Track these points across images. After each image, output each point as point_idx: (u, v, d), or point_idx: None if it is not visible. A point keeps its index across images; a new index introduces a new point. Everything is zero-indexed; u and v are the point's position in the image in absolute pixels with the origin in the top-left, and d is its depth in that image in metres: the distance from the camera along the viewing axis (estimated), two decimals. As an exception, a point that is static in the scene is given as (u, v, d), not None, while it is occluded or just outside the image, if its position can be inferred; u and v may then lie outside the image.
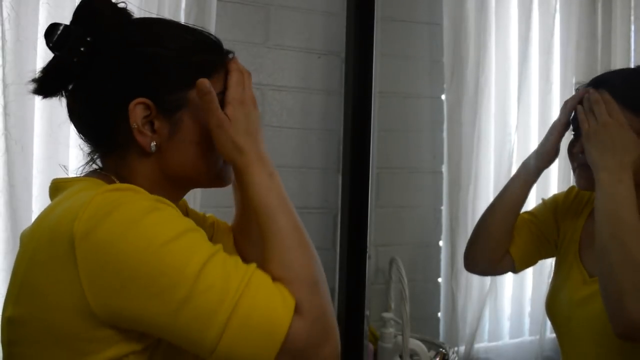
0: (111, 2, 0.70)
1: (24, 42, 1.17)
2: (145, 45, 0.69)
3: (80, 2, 0.69)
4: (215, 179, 0.74)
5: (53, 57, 0.69)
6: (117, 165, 0.70)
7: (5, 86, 1.15)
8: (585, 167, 0.97)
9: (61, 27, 0.67)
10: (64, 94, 0.71)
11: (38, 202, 1.22)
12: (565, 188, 1.21)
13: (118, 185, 0.64)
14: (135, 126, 0.66)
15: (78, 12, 0.69)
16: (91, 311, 0.57)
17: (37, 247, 0.62)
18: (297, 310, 0.60)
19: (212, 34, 0.75)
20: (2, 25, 1.14)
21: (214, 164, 0.73)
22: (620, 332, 0.85)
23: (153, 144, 0.68)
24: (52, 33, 0.67)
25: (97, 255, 0.57)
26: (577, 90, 1.05)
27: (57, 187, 0.71)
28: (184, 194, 0.78)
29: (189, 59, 0.70)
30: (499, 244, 1.12)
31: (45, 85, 0.69)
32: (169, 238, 0.58)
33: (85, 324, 0.58)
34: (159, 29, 0.72)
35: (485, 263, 1.15)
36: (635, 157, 0.90)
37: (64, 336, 0.59)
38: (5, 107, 1.15)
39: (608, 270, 0.86)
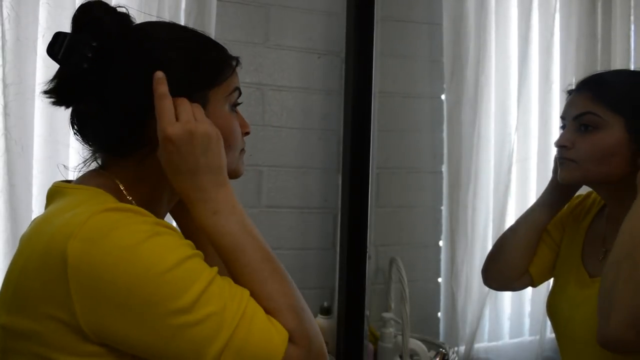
0: (109, 6, 0.70)
1: (24, 42, 1.17)
2: (162, 46, 0.69)
3: (78, 10, 0.69)
4: (232, 174, 0.74)
5: (62, 67, 0.68)
6: (137, 164, 0.69)
7: (5, 86, 1.15)
8: (569, 161, 0.99)
9: (66, 37, 0.67)
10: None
11: (38, 202, 1.22)
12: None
13: (118, 204, 0.63)
14: None
15: (77, 20, 0.69)
16: (80, 328, 0.57)
17: (31, 256, 0.61)
18: (290, 339, 0.61)
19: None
20: (2, 25, 1.14)
21: (234, 160, 0.74)
22: (600, 341, 0.88)
23: None
24: (56, 43, 0.67)
25: (91, 278, 0.56)
26: (568, 92, 1.06)
27: (57, 192, 0.70)
28: None
29: (207, 59, 0.71)
30: (520, 263, 1.12)
31: (64, 95, 0.69)
32: (167, 267, 0.58)
33: (74, 339, 0.58)
34: (170, 30, 0.73)
35: (504, 281, 1.17)
36: None
37: (54, 349, 0.59)
38: (5, 107, 1.15)
39: (611, 283, 0.88)
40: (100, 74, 0.67)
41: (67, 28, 0.69)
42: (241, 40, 1.50)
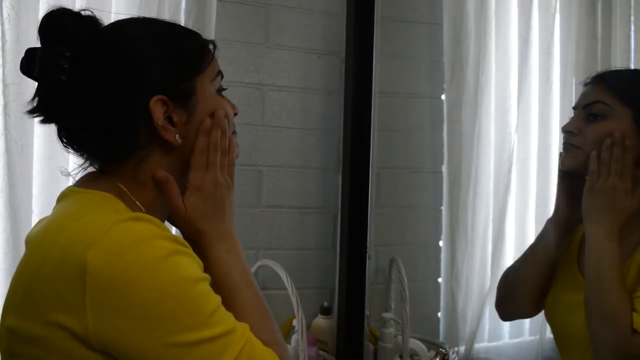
0: (72, 12, 0.68)
1: (24, 42, 1.17)
2: (137, 44, 0.68)
3: (41, 22, 0.67)
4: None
5: (40, 84, 0.67)
6: (134, 169, 0.69)
7: (5, 86, 1.15)
8: (573, 147, 0.99)
9: (37, 52, 0.66)
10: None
11: (38, 202, 1.22)
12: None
13: (137, 214, 0.63)
14: (160, 123, 0.67)
15: (44, 32, 0.67)
16: (87, 337, 0.57)
17: (45, 259, 0.61)
18: None
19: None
20: (2, 25, 1.14)
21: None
22: None
23: (177, 136, 0.69)
24: (29, 60, 0.66)
25: (110, 289, 0.56)
26: (584, 85, 1.05)
27: (66, 195, 0.70)
28: None
29: (187, 48, 0.71)
30: (537, 295, 1.11)
31: (51, 111, 0.68)
32: (185, 287, 0.59)
33: (76, 346, 0.58)
34: (142, 27, 0.72)
35: (523, 314, 1.19)
36: (626, 216, 0.94)
37: (57, 356, 0.59)
38: (5, 107, 1.15)
39: (588, 319, 0.93)
40: (81, 83, 0.66)
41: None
42: (241, 40, 1.50)
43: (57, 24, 0.67)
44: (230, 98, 0.79)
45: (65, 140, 0.70)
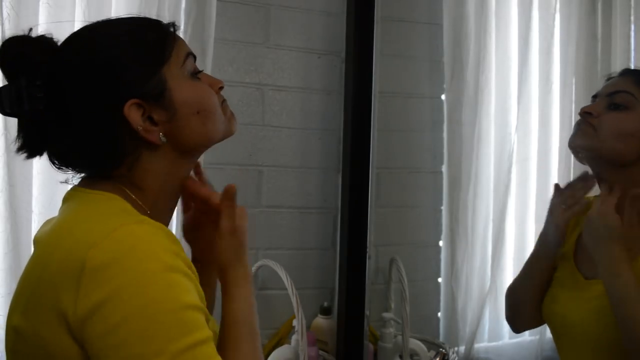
0: (21, 38, 0.67)
1: (24, 42, 1.17)
2: (98, 52, 0.66)
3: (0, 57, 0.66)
4: (225, 133, 0.75)
5: (20, 120, 0.67)
6: (128, 173, 0.68)
7: (5, 86, 1.15)
8: (588, 126, 0.98)
9: (5, 89, 0.65)
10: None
11: (38, 202, 1.21)
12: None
13: (142, 217, 0.63)
14: (140, 127, 0.66)
15: (4, 67, 0.66)
16: (70, 324, 0.57)
17: (51, 261, 0.60)
18: None
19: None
20: (2, 25, 1.14)
21: (221, 122, 0.74)
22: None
23: (161, 135, 0.68)
24: (1, 99, 0.65)
25: (102, 287, 0.56)
26: (608, 78, 1.05)
27: (72, 196, 0.70)
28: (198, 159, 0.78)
29: (144, 41, 0.68)
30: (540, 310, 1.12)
31: (35, 146, 0.68)
32: (175, 307, 0.57)
33: (73, 345, 0.58)
34: (96, 35, 0.69)
35: (534, 325, 1.18)
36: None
37: (62, 357, 0.59)
38: (5, 107, 1.15)
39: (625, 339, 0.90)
40: (57, 108, 0.65)
41: (67, 28, 0.68)
42: (241, 40, 1.50)
43: (12, 56, 0.65)
44: (230, 98, 0.78)
45: (56, 162, 0.70)
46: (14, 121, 1.18)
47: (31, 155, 0.69)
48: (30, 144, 0.68)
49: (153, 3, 1.29)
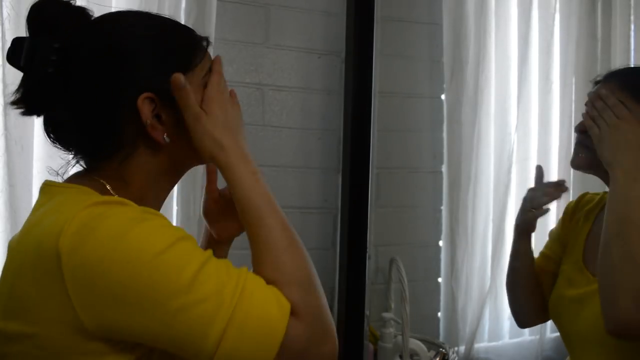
0: (62, 2, 0.66)
1: (24, 42, 1.17)
2: (127, 39, 0.67)
3: (30, 11, 0.65)
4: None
5: (26, 74, 0.66)
6: (119, 166, 0.68)
7: (5, 86, 1.15)
8: (582, 146, 1.01)
9: (25, 42, 0.64)
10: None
11: (38, 202, 1.21)
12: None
13: (105, 197, 0.62)
14: (149, 122, 0.65)
15: (33, 22, 0.65)
16: (82, 325, 0.56)
17: (24, 259, 0.60)
18: (293, 312, 0.60)
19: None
20: (2, 25, 1.14)
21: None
22: (611, 329, 0.87)
23: (165, 135, 0.67)
24: (16, 50, 0.65)
25: (85, 271, 0.56)
26: (595, 83, 1.06)
27: (46, 191, 0.69)
28: (178, 181, 0.77)
29: (175, 43, 0.69)
30: (540, 293, 1.15)
31: (34, 104, 0.67)
32: (158, 250, 0.57)
33: (76, 338, 0.57)
34: (132, 21, 0.70)
35: (538, 317, 1.20)
36: None
37: (57, 350, 0.58)
38: (5, 107, 1.15)
39: (607, 266, 0.88)
40: (67, 76, 0.65)
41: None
42: (241, 40, 1.50)
43: (46, 14, 0.65)
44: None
45: (52, 136, 0.69)
46: (14, 121, 1.19)
47: (28, 111, 0.67)
48: (28, 101, 0.67)
49: (153, 3, 1.29)
